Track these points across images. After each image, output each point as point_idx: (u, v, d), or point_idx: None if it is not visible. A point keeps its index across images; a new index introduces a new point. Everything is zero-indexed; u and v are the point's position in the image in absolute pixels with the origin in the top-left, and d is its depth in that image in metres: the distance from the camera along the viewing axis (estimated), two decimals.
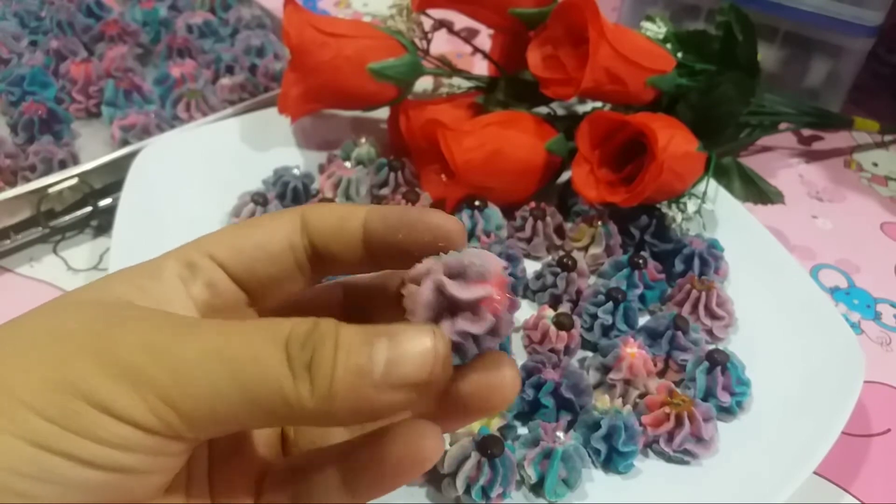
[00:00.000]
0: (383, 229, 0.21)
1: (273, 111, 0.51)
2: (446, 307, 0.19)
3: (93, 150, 0.54)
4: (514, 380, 0.21)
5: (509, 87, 0.52)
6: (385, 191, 0.49)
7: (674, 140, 0.44)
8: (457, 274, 0.19)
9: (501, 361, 0.21)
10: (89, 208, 0.50)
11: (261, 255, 0.22)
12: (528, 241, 0.48)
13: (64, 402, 0.17)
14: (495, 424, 0.36)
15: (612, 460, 0.37)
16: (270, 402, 0.17)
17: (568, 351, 0.42)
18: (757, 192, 0.52)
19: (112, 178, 0.50)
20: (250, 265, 0.22)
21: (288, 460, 0.24)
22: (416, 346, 0.18)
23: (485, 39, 0.68)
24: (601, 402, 0.38)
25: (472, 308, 0.19)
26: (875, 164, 0.63)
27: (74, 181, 0.48)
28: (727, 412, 0.40)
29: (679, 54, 0.52)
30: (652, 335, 0.42)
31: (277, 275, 0.22)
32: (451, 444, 0.35)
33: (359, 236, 0.22)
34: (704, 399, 0.39)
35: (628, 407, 0.38)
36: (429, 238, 0.21)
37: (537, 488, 0.36)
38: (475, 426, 0.36)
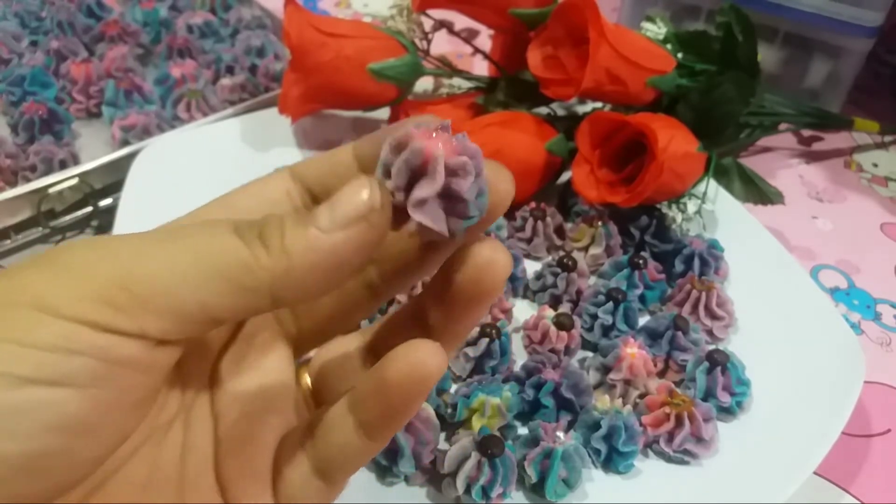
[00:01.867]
0: (376, 150, 0.21)
1: (273, 111, 0.51)
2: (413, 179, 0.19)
3: (93, 150, 0.54)
4: (504, 258, 0.21)
5: (509, 87, 0.52)
6: None
7: (674, 140, 0.44)
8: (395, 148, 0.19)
9: (487, 243, 0.21)
10: (90, 208, 0.50)
11: (263, 205, 0.22)
12: (529, 241, 0.48)
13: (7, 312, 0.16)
14: (495, 424, 0.37)
15: (612, 460, 0.37)
16: (230, 269, 0.18)
17: (568, 351, 0.42)
18: (757, 192, 0.52)
19: (112, 178, 0.50)
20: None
21: (301, 421, 0.23)
22: (350, 187, 0.19)
23: (485, 40, 0.68)
24: (601, 402, 0.38)
25: (425, 169, 0.19)
26: (875, 165, 0.63)
27: (75, 181, 0.48)
28: (727, 412, 0.40)
29: (679, 55, 0.52)
30: (652, 335, 0.42)
31: None
32: (451, 445, 0.35)
33: (354, 167, 0.22)
34: (704, 399, 0.39)
35: (628, 407, 0.38)
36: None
37: (537, 488, 0.36)
38: (475, 426, 0.36)
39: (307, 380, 0.25)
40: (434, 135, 0.19)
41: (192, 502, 0.21)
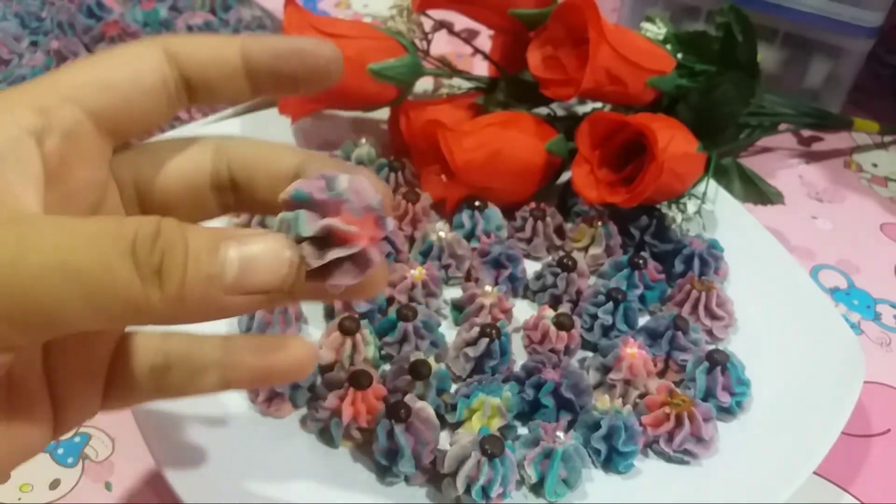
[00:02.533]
0: (268, 58, 0.21)
1: (273, 111, 0.51)
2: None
3: None
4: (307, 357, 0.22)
5: (509, 87, 0.52)
6: None
7: (674, 141, 0.44)
8: (333, 208, 0.19)
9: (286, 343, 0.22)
10: None
11: (133, 93, 0.21)
12: (528, 241, 0.48)
13: None
14: (495, 424, 0.37)
15: (612, 460, 0.37)
16: (119, 308, 0.17)
17: (568, 351, 0.42)
18: (757, 192, 0.52)
19: None
20: (121, 105, 0.20)
21: (159, 347, 0.23)
22: (268, 253, 0.18)
23: (485, 40, 0.68)
24: (601, 402, 0.38)
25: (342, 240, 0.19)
26: (875, 165, 0.63)
27: None
28: (727, 412, 0.40)
29: (679, 55, 0.52)
30: (652, 335, 0.42)
31: (149, 112, 0.21)
32: (451, 445, 0.35)
33: (239, 67, 0.21)
34: (704, 399, 0.39)
35: (628, 407, 0.38)
36: (307, 66, 0.21)
37: (537, 488, 0.36)
38: (475, 426, 0.36)
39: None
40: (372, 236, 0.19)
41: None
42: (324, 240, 0.19)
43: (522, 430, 0.38)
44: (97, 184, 0.21)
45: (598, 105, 0.54)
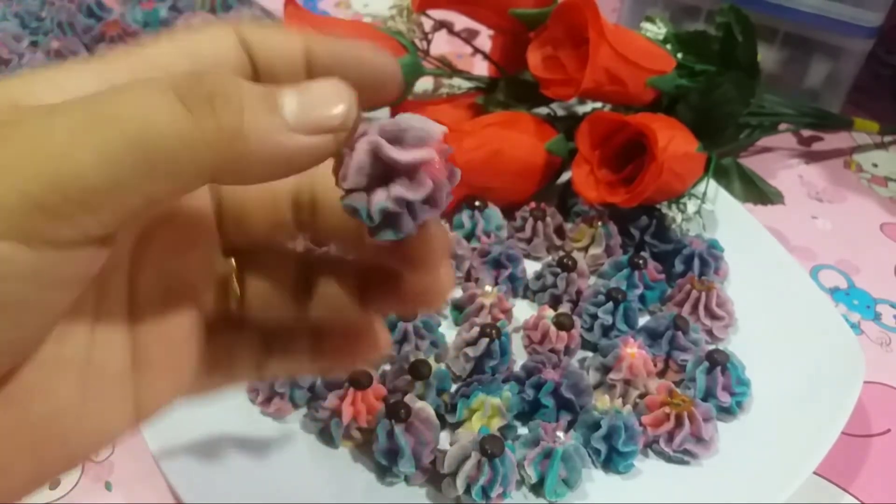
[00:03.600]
0: (329, 60, 0.20)
1: None
2: (381, 174, 0.18)
3: None
4: (449, 280, 0.21)
5: (509, 87, 0.52)
6: None
7: (674, 141, 0.44)
8: (394, 138, 0.18)
9: (438, 260, 0.20)
10: None
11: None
12: (528, 241, 0.48)
13: None
14: (495, 424, 0.37)
15: (612, 460, 0.37)
16: (167, 145, 0.15)
17: (568, 351, 0.42)
18: (757, 192, 0.52)
19: None
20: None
21: (252, 318, 0.22)
22: (327, 90, 0.17)
23: (485, 40, 0.68)
24: (601, 402, 0.38)
25: (410, 173, 0.17)
26: (875, 165, 0.63)
27: None
28: (727, 412, 0.40)
29: (679, 55, 0.52)
30: (652, 335, 0.42)
31: None
32: (451, 445, 0.35)
33: (301, 62, 0.20)
34: (704, 399, 0.39)
35: (628, 407, 0.38)
36: (364, 77, 0.20)
37: (537, 488, 0.36)
38: (475, 426, 0.36)
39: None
40: (438, 159, 0.18)
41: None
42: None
43: (522, 430, 0.38)
44: None
45: (598, 105, 0.54)
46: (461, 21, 0.55)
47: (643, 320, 0.44)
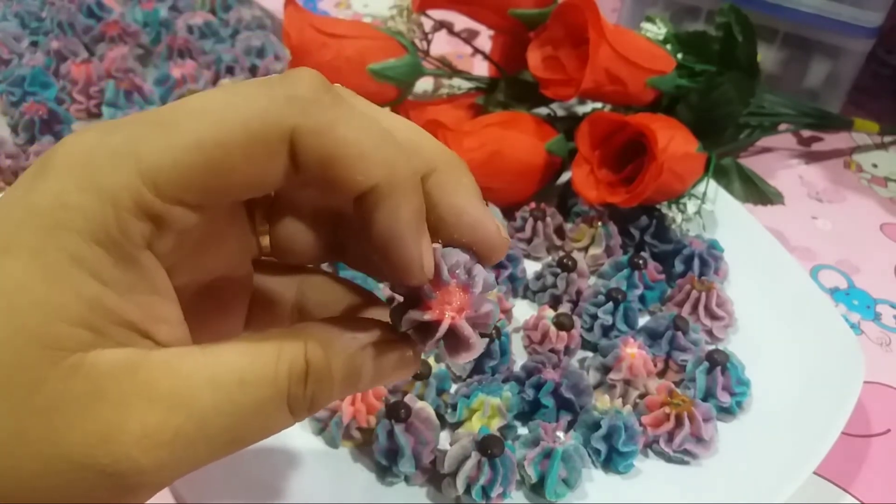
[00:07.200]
0: (451, 229, 0.23)
1: None
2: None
3: None
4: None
5: (509, 87, 0.52)
6: None
7: (674, 141, 0.44)
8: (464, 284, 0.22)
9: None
10: None
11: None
12: (529, 241, 0.48)
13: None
14: (495, 424, 0.37)
15: (612, 460, 0.37)
16: (267, 433, 0.19)
17: (568, 351, 0.42)
18: (757, 192, 0.52)
19: None
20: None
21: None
22: (398, 362, 0.21)
23: (485, 40, 0.68)
24: (601, 402, 0.38)
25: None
26: (875, 165, 0.63)
27: None
28: (727, 412, 0.40)
29: (679, 55, 0.52)
30: (652, 335, 0.42)
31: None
32: (451, 445, 0.35)
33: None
34: (704, 399, 0.39)
35: (628, 407, 0.38)
36: (466, 240, 0.23)
37: (537, 488, 0.36)
38: (475, 426, 0.36)
39: None
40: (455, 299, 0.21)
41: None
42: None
43: (522, 430, 0.38)
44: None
45: (598, 105, 0.54)
46: (461, 21, 0.55)
47: (643, 320, 0.44)
